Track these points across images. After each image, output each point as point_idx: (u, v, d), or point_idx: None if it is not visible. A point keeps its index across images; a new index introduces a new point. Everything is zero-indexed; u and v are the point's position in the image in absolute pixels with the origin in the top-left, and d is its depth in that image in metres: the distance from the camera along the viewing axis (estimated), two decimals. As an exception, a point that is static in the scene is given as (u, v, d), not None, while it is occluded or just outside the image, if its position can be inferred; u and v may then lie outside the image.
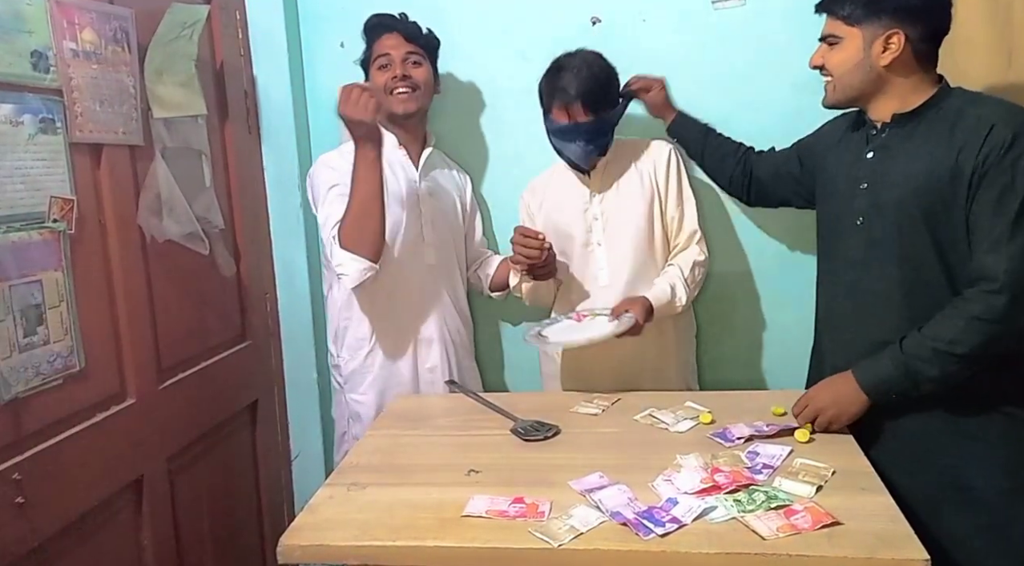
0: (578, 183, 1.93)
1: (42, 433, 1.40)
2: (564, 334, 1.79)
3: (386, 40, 1.92)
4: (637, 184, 1.90)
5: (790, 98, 1.98)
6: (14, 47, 1.35)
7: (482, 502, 1.28)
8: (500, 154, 2.19)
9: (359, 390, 1.97)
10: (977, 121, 1.37)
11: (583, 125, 1.77)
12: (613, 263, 1.90)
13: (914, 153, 1.44)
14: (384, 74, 1.91)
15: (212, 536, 1.92)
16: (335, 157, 1.92)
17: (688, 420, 1.58)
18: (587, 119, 1.77)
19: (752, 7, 1.99)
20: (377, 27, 1.94)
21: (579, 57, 1.80)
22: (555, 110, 1.79)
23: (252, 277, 2.14)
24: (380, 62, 1.91)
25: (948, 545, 1.38)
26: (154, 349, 1.71)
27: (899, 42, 1.40)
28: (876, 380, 1.43)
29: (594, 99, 1.76)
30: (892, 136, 1.48)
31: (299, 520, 1.28)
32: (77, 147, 1.49)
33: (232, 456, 2.06)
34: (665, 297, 1.80)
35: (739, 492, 1.25)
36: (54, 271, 1.42)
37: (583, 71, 1.76)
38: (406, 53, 1.91)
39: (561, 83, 1.76)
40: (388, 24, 1.93)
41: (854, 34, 1.44)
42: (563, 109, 1.77)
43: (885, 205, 1.47)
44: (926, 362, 1.38)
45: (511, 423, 1.60)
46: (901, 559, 1.08)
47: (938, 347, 1.37)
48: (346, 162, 1.81)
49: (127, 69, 1.62)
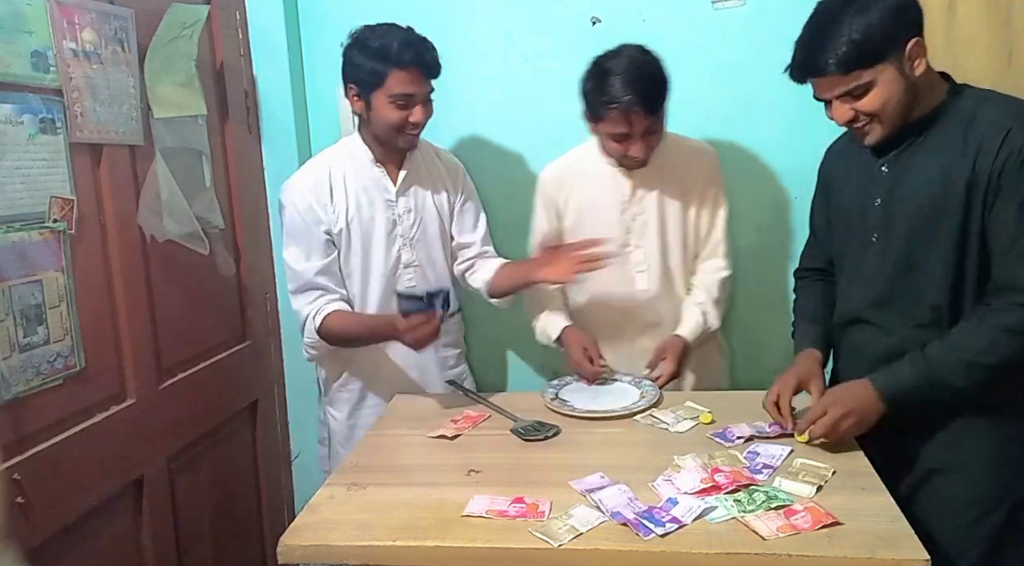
0: (616, 178, 1.81)
1: (42, 433, 1.40)
2: (584, 400, 1.70)
3: (408, 75, 1.69)
4: (679, 184, 1.81)
5: (790, 98, 1.97)
6: (14, 47, 1.35)
7: (482, 502, 1.28)
8: (502, 155, 2.19)
9: (335, 407, 1.94)
10: (991, 125, 1.30)
11: (643, 129, 1.65)
12: (651, 267, 1.82)
13: (927, 163, 1.38)
14: (400, 113, 1.71)
15: (212, 536, 1.92)
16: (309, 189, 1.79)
17: (688, 420, 1.57)
18: (647, 123, 1.64)
19: (752, 7, 1.99)
20: (399, 57, 1.67)
21: (626, 56, 1.65)
22: (609, 119, 1.64)
23: (252, 277, 2.14)
24: (399, 102, 1.70)
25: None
26: (154, 349, 1.71)
27: (921, 45, 1.33)
28: (897, 389, 1.37)
29: (653, 102, 1.64)
30: (906, 146, 1.41)
31: (299, 520, 1.28)
32: (77, 147, 1.49)
33: (232, 456, 2.06)
34: (700, 329, 1.78)
35: (739, 492, 1.25)
36: (54, 271, 1.42)
37: (633, 73, 1.61)
38: (427, 94, 1.74)
39: (613, 91, 1.60)
40: (412, 58, 1.69)
41: (883, 69, 1.33)
42: (623, 118, 1.62)
43: (899, 219, 1.41)
44: (953, 373, 1.33)
45: (511, 423, 1.60)
46: (901, 559, 1.08)
47: (966, 358, 1.32)
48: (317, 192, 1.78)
49: (127, 69, 1.62)
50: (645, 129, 1.65)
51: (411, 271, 1.87)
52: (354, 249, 1.82)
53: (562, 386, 1.80)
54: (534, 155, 2.15)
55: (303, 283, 1.79)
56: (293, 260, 1.80)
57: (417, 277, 1.88)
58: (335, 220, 1.80)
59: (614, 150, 1.71)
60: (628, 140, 1.67)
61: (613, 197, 1.82)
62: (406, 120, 1.73)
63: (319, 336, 1.78)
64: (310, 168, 1.85)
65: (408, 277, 1.87)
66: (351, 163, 1.83)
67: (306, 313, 1.79)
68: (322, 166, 1.83)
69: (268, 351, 2.23)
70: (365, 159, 1.83)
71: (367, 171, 1.83)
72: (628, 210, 1.82)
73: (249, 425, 2.15)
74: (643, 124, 1.64)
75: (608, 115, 1.64)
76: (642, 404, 1.65)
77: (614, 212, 1.82)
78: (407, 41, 1.69)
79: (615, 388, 1.77)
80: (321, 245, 1.79)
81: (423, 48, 1.72)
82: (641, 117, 1.63)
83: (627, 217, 1.82)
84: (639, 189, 1.81)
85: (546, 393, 1.73)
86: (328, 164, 1.83)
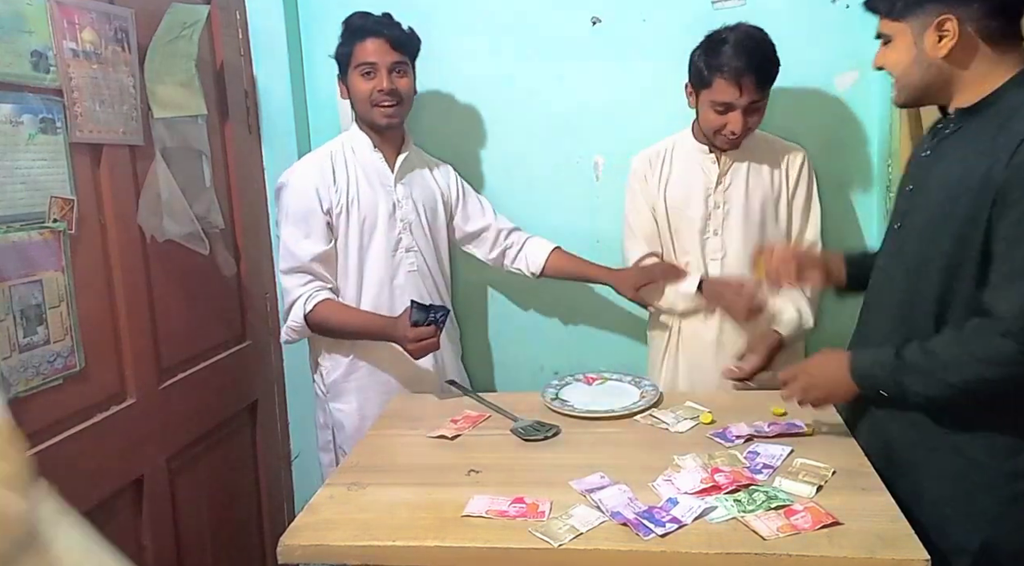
0: (705, 164, 1.85)
1: (42, 433, 1.40)
2: (584, 400, 1.70)
3: (370, 45, 1.79)
4: (766, 180, 1.84)
5: (790, 98, 1.98)
6: (14, 47, 1.35)
7: (482, 502, 1.28)
8: (502, 154, 2.19)
9: (341, 400, 1.91)
10: (1017, 132, 1.17)
11: (749, 101, 1.69)
12: (726, 257, 1.84)
13: (954, 156, 1.27)
14: (368, 83, 1.80)
15: (212, 536, 1.92)
16: (313, 171, 1.83)
17: (688, 420, 1.57)
18: (755, 96, 1.69)
19: (752, 7, 1.99)
20: (361, 30, 1.80)
21: (742, 30, 1.70)
22: (718, 86, 1.68)
23: (252, 277, 2.14)
24: (363, 69, 1.80)
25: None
26: (154, 349, 1.71)
27: (953, 28, 1.21)
28: (866, 373, 1.33)
29: (763, 74, 1.68)
30: (949, 135, 1.31)
31: (299, 520, 1.28)
32: (77, 147, 1.49)
33: (232, 456, 2.06)
34: (794, 324, 1.78)
35: (739, 492, 1.25)
36: (54, 271, 1.42)
37: (748, 44, 1.67)
38: (392, 63, 1.80)
39: (730, 55, 1.65)
40: (373, 28, 1.80)
41: (902, 30, 1.28)
42: (734, 83, 1.66)
43: (917, 210, 1.33)
44: (916, 375, 1.26)
45: (511, 423, 1.60)
46: (901, 559, 1.08)
47: (930, 367, 1.24)
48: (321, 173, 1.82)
49: (127, 69, 1.62)
50: (749, 103, 1.68)
51: (411, 256, 1.91)
52: (354, 231, 1.84)
53: (562, 386, 1.80)
54: (534, 155, 2.15)
55: (297, 264, 1.81)
56: (291, 240, 1.82)
57: (417, 262, 1.91)
58: (337, 200, 1.83)
59: (714, 122, 1.74)
60: (731, 111, 1.70)
61: (700, 183, 1.85)
62: (373, 89, 1.80)
63: (305, 322, 1.79)
64: (311, 156, 1.90)
65: (409, 261, 1.90)
66: (351, 151, 1.89)
67: (296, 295, 1.80)
68: (323, 153, 1.89)
69: (268, 351, 2.23)
70: (365, 146, 1.88)
71: (367, 156, 1.88)
72: (712, 197, 1.84)
73: (249, 425, 2.15)
74: (750, 95, 1.67)
75: (717, 80, 1.68)
76: (642, 404, 1.65)
77: (699, 197, 1.85)
78: (367, 15, 1.83)
79: (615, 388, 1.78)
80: (321, 229, 1.82)
81: (386, 21, 1.82)
82: (751, 86, 1.66)
83: (710, 203, 1.84)
84: (726, 176, 1.84)
85: (546, 393, 1.73)
86: (329, 151, 1.89)
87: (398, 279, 1.89)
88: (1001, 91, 1.23)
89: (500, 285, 2.26)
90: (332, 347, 1.90)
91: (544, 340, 2.24)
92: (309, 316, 1.79)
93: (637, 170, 1.93)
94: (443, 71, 2.12)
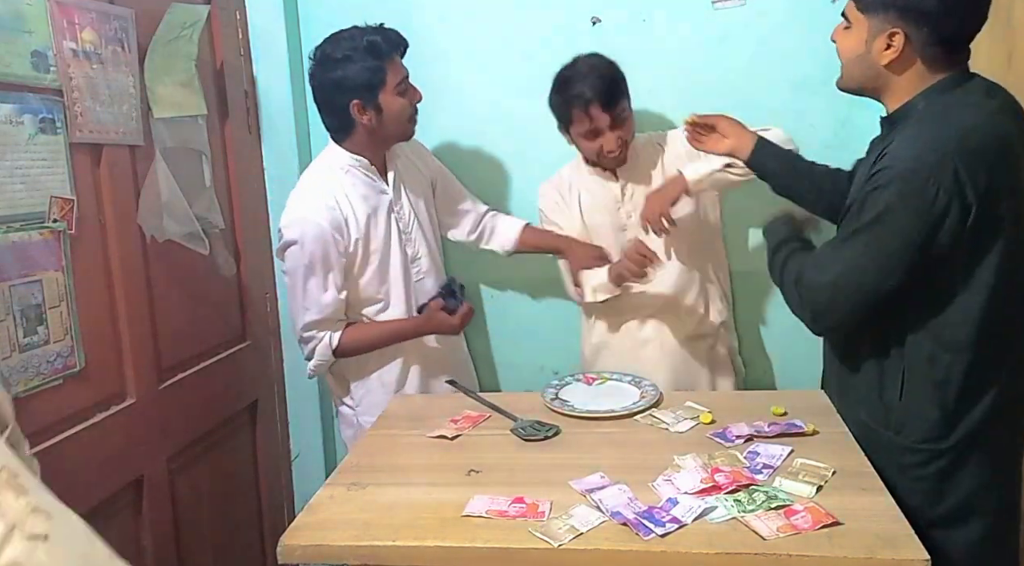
0: (605, 184, 1.93)
1: (42, 433, 1.40)
2: (584, 400, 1.70)
3: (397, 61, 1.78)
4: (662, 173, 1.89)
5: (790, 98, 1.99)
6: (14, 47, 1.35)
7: (482, 502, 1.27)
8: (503, 154, 2.19)
9: (373, 412, 1.85)
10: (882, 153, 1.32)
11: (609, 121, 1.77)
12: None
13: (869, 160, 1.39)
14: (404, 98, 1.79)
15: (212, 536, 1.92)
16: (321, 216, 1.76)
17: (688, 420, 1.57)
18: (607, 116, 1.76)
19: (752, 7, 1.99)
20: (395, 47, 1.78)
21: (580, 63, 1.80)
22: (575, 118, 1.79)
23: (252, 277, 2.14)
24: (400, 87, 1.77)
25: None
26: (154, 349, 1.71)
27: (899, 43, 1.31)
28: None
29: (608, 95, 1.75)
30: (877, 140, 1.43)
31: (299, 520, 1.28)
32: (77, 147, 1.49)
33: (232, 456, 2.06)
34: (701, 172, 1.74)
35: (739, 492, 1.25)
36: (54, 271, 1.42)
37: (590, 74, 1.76)
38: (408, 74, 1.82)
39: (574, 91, 1.76)
40: (397, 43, 1.78)
41: (861, 22, 1.35)
42: (585, 112, 1.76)
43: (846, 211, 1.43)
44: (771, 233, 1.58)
45: (511, 423, 1.60)
46: (901, 559, 1.08)
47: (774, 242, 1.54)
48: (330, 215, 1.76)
49: (127, 69, 1.62)
50: (609, 123, 1.77)
51: (420, 263, 1.92)
52: (371, 260, 1.84)
53: (562, 386, 1.80)
54: (533, 155, 2.15)
55: (323, 317, 1.80)
56: (316, 290, 1.79)
57: (426, 268, 1.92)
58: (350, 238, 1.80)
59: (590, 150, 1.83)
60: (598, 136, 1.79)
61: (608, 201, 1.93)
62: (411, 104, 1.81)
63: (332, 355, 1.83)
64: (311, 197, 1.80)
65: (417, 270, 1.91)
66: (346, 177, 1.83)
67: (319, 338, 1.82)
68: (323, 191, 1.80)
69: (268, 351, 2.23)
70: (359, 168, 1.84)
71: (364, 179, 1.84)
72: (622, 209, 1.91)
73: (249, 425, 2.15)
74: (604, 118, 1.76)
75: (573, 115, 1.78)
76: (642, 404, 1.65)
77: (610, 214, 1.92)
78: (380, 31, 1.77)
79: (615, 388, 1.78)
80: (341, 273, 1.81)
81: (391, 31, 1.79)
82: (599, 110, 1.75)
83: (622, 216, 1.92)
84: (627, 187, 1.91)
85: (546, 393, 1.73)
86: (325, 187, 1.80)
87: (409, 291, 1.90)
88: (915, 101, 1.34)
89: (500, 285, 2.26)
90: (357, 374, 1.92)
91: (544, 340, 2.24)
92: (337, 350, 1.82)
93: (547, 194, 2.00)
94: (442, 71, 2.12)
